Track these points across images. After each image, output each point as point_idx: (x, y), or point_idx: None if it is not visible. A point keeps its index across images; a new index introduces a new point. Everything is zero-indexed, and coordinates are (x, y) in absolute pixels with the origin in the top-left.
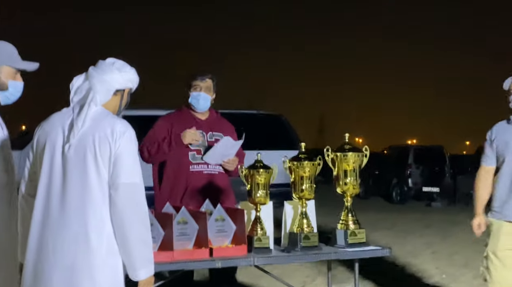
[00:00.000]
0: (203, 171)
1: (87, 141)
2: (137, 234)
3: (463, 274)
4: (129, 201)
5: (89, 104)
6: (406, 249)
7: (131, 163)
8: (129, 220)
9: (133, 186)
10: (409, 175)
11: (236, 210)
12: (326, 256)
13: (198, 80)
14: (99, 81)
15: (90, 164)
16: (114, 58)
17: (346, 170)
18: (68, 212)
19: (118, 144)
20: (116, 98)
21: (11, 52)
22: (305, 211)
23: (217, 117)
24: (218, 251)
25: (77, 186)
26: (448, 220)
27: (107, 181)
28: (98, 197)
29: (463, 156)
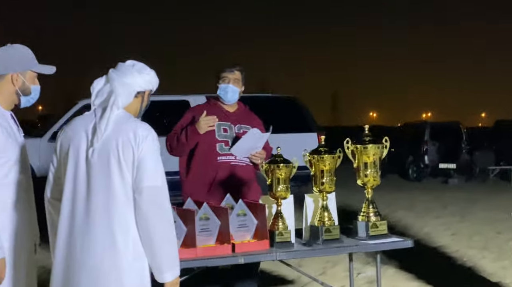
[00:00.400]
0: (230, 162)
1: (110, 146)
2: (162, 237)
3: (484, 256)
4: (153, 204)
5: (111, 108)
6: (424, 231)
7: (154, 166)
8: (153, 223)
9: (156, 189)
10: (425, 152)
11: (257, 205)
12: (348, 249)
13: (227, 72)
14: (120, 84)
15: (114, 168)
16: (133, 61)
17: (366, 162)
18: (94, 217)
19: (141, 147)
20: (137, 101)
21: (32, 57)
22: (326, 204)
23: (245, 110)
24: (241, 246)
25: (101, 190)
26: (466, 198)
27: (131, 185)
28: (122, 201)
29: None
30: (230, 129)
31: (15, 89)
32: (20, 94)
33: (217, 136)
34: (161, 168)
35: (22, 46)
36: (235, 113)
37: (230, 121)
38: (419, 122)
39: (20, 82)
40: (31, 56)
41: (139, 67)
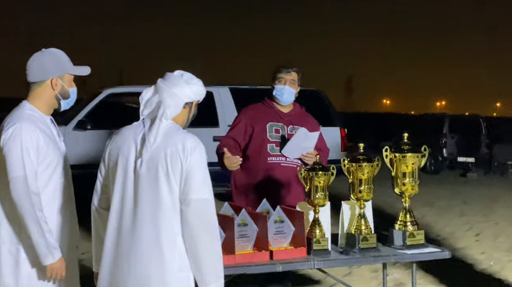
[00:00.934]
0: (280, 163)
1: (159, 157)
2: (207, 249)
3: (511, 259)
4: (200, 217)
5: (161, 119)
6: (447, 230)
7: (202, 178)
8: (199, 236)
9: (204, 202)
10: (444, 145)
11: (295, 212)
12: (385, 259)
13: (283, 73)
14: (169, 95)
15: (162, 180)
16: (182, 71)
17: (404, 171)
18: (141, 227)
19: (189, 160)
20: (185, 111)
21: (67, 60)
22: (363, 212)
23: (300, 112)
24: (278, 253)
25: (149, 201)
26: (486, 195)
27: (178, 196)
28: (169, 212)
29: (499, 121)
30: (283, 130)
31: (55, 94)
32: (60, 98)
33: (268, 136)
34: (209, 180)
35: (57, 50)
36: (289, 114)
37: (283, 122)
38: (438, 114)
39: (60, 86)
40: (67, 59)
41: (187, 77)
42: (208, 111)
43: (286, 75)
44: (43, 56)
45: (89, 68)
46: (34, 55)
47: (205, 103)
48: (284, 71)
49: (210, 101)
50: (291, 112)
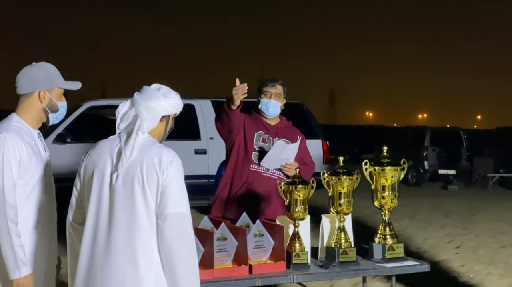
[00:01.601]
0: (262, 173)
1: (134, 171)
2: (184, 265)
3: (490, 272)
4: (177, 232)
5: (137, 133)
6: (428, 243)
7: (179, 192)
8: (176, 251)
9: (180, 216)
10: (425, 157)
11: (275, 225)
12: (364, 272)
13: (269, 86)
14: (145, 108)
15: (138, 194)
16: (159, 84)
17: (384, 184)
18: (116, 243)
19: (165, 173)
20: (161, 125)
21: (57, 74)
22: (343, 226)
23: (287, 125)
24: (258, 267)
25: (124, 216)
26: (467, 206)
27: (154, 211)
28: (145, 228)
29: (480, 134)
30: (269, 141)
31: (42, 107)
32: (48, 111)
33: (254, 144)
34: (186, 195)
35: (47, 64)
36: (276, 126)
37: (269, 134)
38: (420, 127)
39: (48, 99)
40: (57, 73)
41: (164, 91)
42: (190, 124)
43: (271, 89)
44: (32, 69)
45: (80, 83)
46: (24, 68)
47: (186, 116)
48: (270, 85)
49: (191, 114)
50: (277, 125)
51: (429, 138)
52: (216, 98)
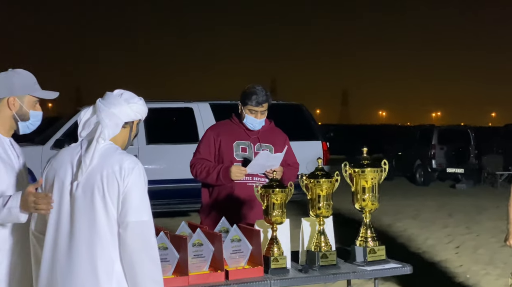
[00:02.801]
0: (247, 183)
1: (95, 179)
2: (147, 273)
3: (488, 272)
4: (139, 240)
5: (97, 140)
6: (429, 243)
7: (140, 200)
8: (139, 259)
9: (142, 224)
10: (433, 156)
11: (252, 230)
12: (344, 276)
13: (255, 106)
14: (107, 115)
15: (98, 203)
16: (122, 90)
17: (364, 186)
18: (76, 252)
19: (126, 181)
20: (125, 131)
21: (32, 82)
22: (323, 229)
23: (269, 128)
24: (235, 273)
25: (85, 225)
26: (473, 205)
27: (116, 219)
28: (106, 236)
29: (488, 132)
30: (250, 148)
31: (12, 114)
32: (18, 119)
33: (235, 155)
34: (147, 202)
35: (24, 71)
36: (257, 131)
37: (250, 140)
38: (427, 126)
39: (18, 107)
40: (32, 81)
41: (127, 96)
42: (189, 127)
43: (258, 108)
44: (6, 75)
45: (57, 93)
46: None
47: (185, 119)
48: (258, 105)
49: (190, 117)
50: (259, 130)
51: (436, 137)
52: (215, 101)
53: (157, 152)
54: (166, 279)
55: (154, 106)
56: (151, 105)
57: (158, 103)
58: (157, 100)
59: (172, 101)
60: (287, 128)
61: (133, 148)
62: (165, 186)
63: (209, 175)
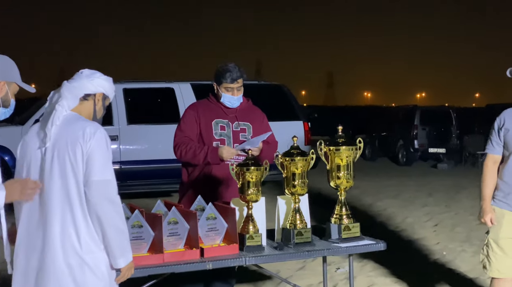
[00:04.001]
0: (225, 161)
1: (60, 145)
2: (112, 227)
3: (464, 249)
4: (102, 198)
5: (56, 108)
6: (408, 221)
7: (102, 161)
8: (104, 215)
9: (105, 183)
10: (415, 136)
11: (227, 208)
12: (319, 253)
13: (230, 82)
14: (67, 89)
15: (66, 166)
16: (86, 69)
17: (339, 164)
18: (47, 212)
19: (89, 144)
20: (88, 103)
21: (18, 71)
22: (298, 207)
23: (247, 106)
24: (210, 251)
25: (54, 187)
26: (453, 185)
27: (82, 181)
28: (74, 197)
29: (470, 112)
30: (228, 127)
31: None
32: (0, 104)
33: (214, 134)
34: (110, 162)
35: (10, 59)
36: (235, 110)
37: (228, 118)
38: (410, 106)
39: (4, 92)
40: (17, 70)
41: (88, 73)
42: (170, 107)
43: (234, 85)
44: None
45: (34, 89)
46: None
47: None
48: (234, 81)
49: (171, 98)
50: (237, 108)
51: (418, 117)
52: (196, 81)
53: (138, 132)
54: (142, 257)
55: (135, 87)
56: (132, 86)
57: (139, 83)
58: (138, 81)
59: (153, 81)
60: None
61: (113, 128)
62: (146, 166)
63: (195, 156)
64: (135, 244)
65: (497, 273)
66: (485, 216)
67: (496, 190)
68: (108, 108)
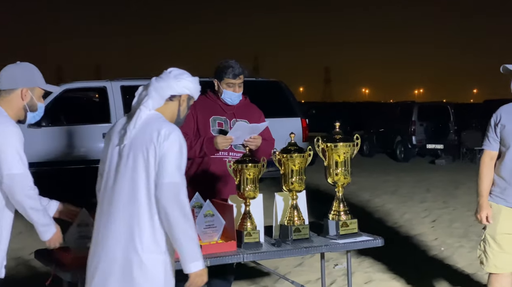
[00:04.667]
0: (222, 158)
1: (137, 144)
2: (181, 230)
3: (462, 245)
4: (171, 199)
5: (141, 108)
6: (405, 217)
7: (174, 163)
8: (172, 217)
9: (174, 185)
10: (413, 132)
11: (225, 205)
12: (317, 249)
13: (232, 78)
14: (154, 88)
15: (139, 166)
16: (174, 68)
17: (336, 160)
18: (114, 208)
19: (163, 145)
20: (172, 104)
21: (40, 75)
22: (296, 203)
23: (244, 103)
24: (208, 248)
25: (126, 185)
26: (451, 181)
27: (153, 182)
28: (142, 197)
29: (468, 108)
30: (226, 123)
31: (23, 104)
32: (27, 109)
33: (211, 131)
34: (181, 165)
35: (31, 64)
36: (233, 107)
37: (226, 115)
38: (408, 102)
39: (29, 98)
40: (39, 74)
41: (176, 73)
42: None
43: (236, 81)
44: (16, 67)
45: (58, 88)
46: (7, 66)
47: None
48: (235, 77)
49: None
50: (235, 105)
51: (416, 113)
52: None
53: None
54: None
55: (133, 84)
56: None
57: (136, 80)
58: (136, 78)
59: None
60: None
61: (111, 125)
62: None
63: (191, 148)
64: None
65: (495, 269)
66: (481, 212)
67: (493, 185)
68: (106, 105)
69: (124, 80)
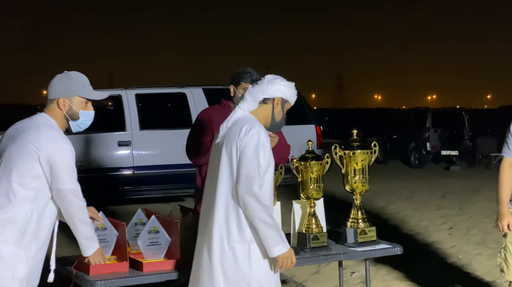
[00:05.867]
0: None
1: (227, 139)
2: (257, 218)
3: (480, 252)
4: (246, 191)
5: (235, 110)
6: (422, 224)
7: (251, 157)
8: (249, 208)
9: (249, 178)
10: (427, 139)
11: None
12: (335, 257)
13: (251, 84)
14: (249, 92)
15: (225, 160)
16: (271, 75)
17: (354, 168)
18: (212, 195)
19: (243, 141)
20: (266, 107)
21: (82, 83)
22: (314, 211)
23: None
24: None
25: (223, 179)
26: (467, 187)
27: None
28: (228, 188)
29: (482, 114)
30: None
31: (63, 114)
32: (68, 118)
33: None
34: (259, 159)
35: (76, 73)
36: None
37: None
38: (422, 108)
39: (67, 107)
40: (83, 82)
41: (270, 78)
42: (182, 112)
43: None
44: (60, 77)
45: (106, 94)
46: (57, 75)
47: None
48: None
49: (183, 103)
50: None
51: (430, 119)
52: (208, 85)
53: (151, 137)
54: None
55: (147, 92)
56: (144, 91)
57: (151, 88)
58: (150, 86)
59: (165, 86)
60: None
61: (126, 133)
62: (159, 171)
63: (208, 151)
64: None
65: None
66: (503, 220)
67: None
68: (121, 113)
69: (139, 88)
